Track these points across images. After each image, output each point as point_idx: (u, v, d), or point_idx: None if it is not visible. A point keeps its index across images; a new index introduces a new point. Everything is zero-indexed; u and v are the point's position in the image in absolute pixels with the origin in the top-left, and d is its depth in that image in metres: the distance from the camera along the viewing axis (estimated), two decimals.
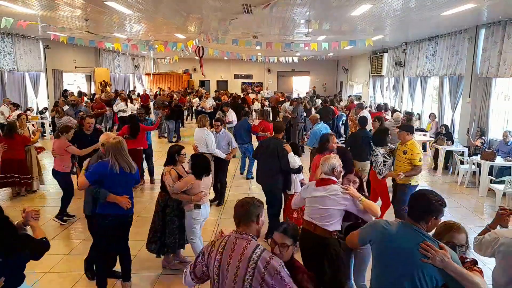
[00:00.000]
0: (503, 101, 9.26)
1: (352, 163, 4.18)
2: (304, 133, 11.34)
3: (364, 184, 4.59)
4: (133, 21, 9.57)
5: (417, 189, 4.55)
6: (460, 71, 9.90)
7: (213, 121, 7.27)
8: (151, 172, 8.05)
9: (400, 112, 11.40)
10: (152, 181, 8.06)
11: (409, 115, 10.62)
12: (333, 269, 3.20)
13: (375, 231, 2.43)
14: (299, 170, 4.99)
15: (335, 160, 3.37)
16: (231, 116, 10.17)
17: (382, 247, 2.36)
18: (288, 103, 12.67)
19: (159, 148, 10.68)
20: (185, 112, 17.38)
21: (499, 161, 7.39)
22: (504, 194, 6.64)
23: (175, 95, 15.34)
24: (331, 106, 12.06)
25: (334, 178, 3.33)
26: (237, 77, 26.88)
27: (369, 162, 6.30)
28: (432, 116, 11.24)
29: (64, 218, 5.82)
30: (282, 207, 5.28)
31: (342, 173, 3.48)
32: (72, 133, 5.93)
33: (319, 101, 14.84)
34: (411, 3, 6.97)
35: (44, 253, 2.64)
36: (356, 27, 10.15)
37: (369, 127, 7.29)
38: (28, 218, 2.69)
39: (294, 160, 4.88)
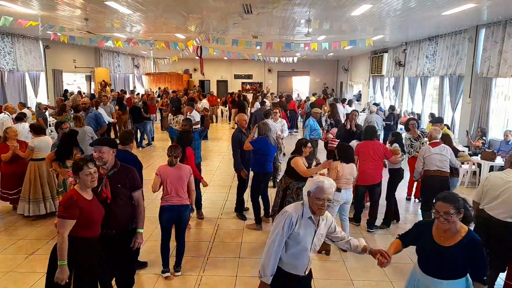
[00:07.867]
0: (503, 101, 9.26)
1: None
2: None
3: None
4: (133, 21, 9.57)
5: None
6: (460, 71, 9.89)
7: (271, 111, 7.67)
8: (198, 204, 5.74)
9: (376, 105, 12.21)
10: (199, 215, 5.86)
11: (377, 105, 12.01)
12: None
13: None
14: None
15: (438, 133, 5.38)
16: (197, 117, 9.70)
17: None
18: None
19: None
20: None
21: (499, 161, 7.38)
22: None
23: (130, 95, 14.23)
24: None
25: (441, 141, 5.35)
26: (237, 77, 26.86)
27: None
28: (431, 116, 11.20)
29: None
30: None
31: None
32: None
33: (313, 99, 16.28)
34: (411, 3, 6.97)
35: None
36: (356, 27, 10.14)
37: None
38: None
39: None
